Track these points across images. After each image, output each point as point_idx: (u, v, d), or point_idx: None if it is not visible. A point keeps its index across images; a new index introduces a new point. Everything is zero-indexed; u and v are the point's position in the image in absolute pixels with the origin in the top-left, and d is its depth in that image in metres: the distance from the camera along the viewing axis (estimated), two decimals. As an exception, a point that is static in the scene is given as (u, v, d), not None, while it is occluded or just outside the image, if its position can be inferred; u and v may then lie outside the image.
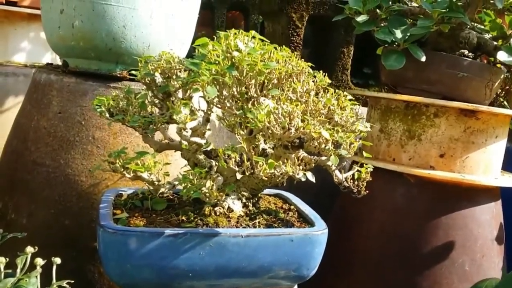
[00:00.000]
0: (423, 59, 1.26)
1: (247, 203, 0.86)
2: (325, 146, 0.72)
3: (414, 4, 1.39)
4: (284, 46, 0.86)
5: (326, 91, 0.88)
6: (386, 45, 1.31)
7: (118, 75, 1.12)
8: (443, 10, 1.19)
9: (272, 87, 0.78)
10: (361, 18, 1.26)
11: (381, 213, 1.33)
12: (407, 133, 1.34)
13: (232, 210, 0.83)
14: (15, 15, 1.68)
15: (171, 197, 0.90)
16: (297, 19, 1.80)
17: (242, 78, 0.75)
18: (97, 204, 1.05)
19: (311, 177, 0.71)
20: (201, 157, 0.83)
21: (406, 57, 1.27)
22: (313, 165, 0.76)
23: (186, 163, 0.86)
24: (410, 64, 1.28)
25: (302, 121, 0.72)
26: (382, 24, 1.33)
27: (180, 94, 0.84)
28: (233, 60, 0.75)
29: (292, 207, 0.93)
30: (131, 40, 1.08)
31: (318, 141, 0.73)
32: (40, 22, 1.19)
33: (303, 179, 0.71)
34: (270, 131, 0.71)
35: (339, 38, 1.84)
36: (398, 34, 1.26)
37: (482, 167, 1.33)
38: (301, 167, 0.71)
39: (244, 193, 0.85)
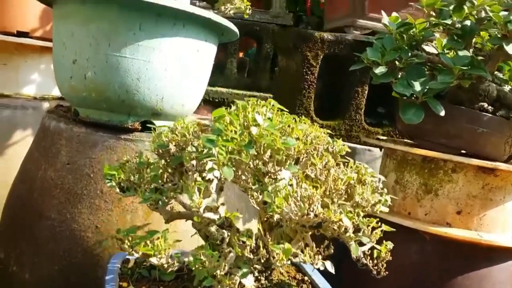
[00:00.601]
0: (442, 113, 1.22)
1: (259, 277, 0.82)
2: (345, 232, 0.68)
3: (431, 47, 1.36)
4: (303, 117, 0.82)
5: (345, 164, 0.85)
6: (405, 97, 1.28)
7: (130, 127, 1.09)
8: (465, 68, 1.15)
9: (290, 162, 0.75)
10: (379, 70, 1.23)
11: (394, 270, 1.29)
12: (424, 187, 1.30)
13: (244, 286, 0.79)
14: (26, 48, 1.66)
15: (180, 264, 0.87)
16: (312, 57, 1.78)
17: (259, 154, 0.72)
18: (103, 262, 1.02)
19: (330, 267, 0.67)
20: (213, 229, 0.80)
21: (425, 110, 1.24)
22: (332, 251, 0.72)
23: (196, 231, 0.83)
24: (428, 117, 1.24)
25: (322, 206, 0.68)
26: (400, 74, 1.29)
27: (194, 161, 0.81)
28: (251, 136, 0.71)
29: (306, 278, 0.89)
30: (145, 93, 1.05)
31: (338, 225, 0.70)
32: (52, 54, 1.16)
33: (321, 268, 0.68)
34: (288, 216, 0.67)
35: (354, 78, 1.80)
36: (417, 86, 1.23)
37: (500, 225, 1.29)
38: (319, 257, 0.67)
39: (257, 266, 0.82)
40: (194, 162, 0.81)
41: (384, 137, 1.66)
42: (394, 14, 1.39)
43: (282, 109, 0.81)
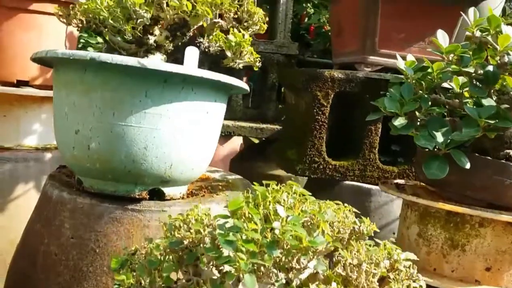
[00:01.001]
0: (468, 166, 1.15)
1: None
2: None
3: (451, 85, 1.29)
4: (329, 201, 0.76)
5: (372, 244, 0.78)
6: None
7: (137, 196, 1.02)
8: (491, 121, 1.08)
9: (318, 259, 0.68)
10: (399, 122, 1.16)
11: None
12: (450, 241, 1.22)
13: None
14: (26, 98, 1.61)
15: None
16: (322, 97, 1.71)
17: (283, 254, 0.65)
18: None
19: None
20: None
21: (448, 161, 1.17)
22: None
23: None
24: (452, 169, 1.17)
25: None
26: (419, 121, 1.23)
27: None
28: (273, 234, 0.65)
29: None
30: (152, 161, 0.98)
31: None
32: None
33: None
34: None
35: (366, 116, 1.73)
36: (439, 138, 1.16)
37: (532, 280, 1.21)
38: None
39: None
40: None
41: (402, 181, 1.59)
42: (410, 57, 1.33)
43: (304, 193, 0.74)
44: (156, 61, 0.91)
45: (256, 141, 2.66)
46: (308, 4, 3.20)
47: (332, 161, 1.74)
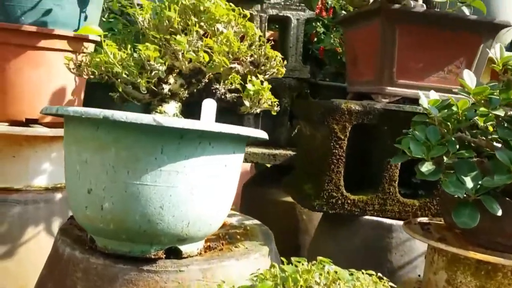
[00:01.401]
0: (499, 213, 1.09)
1: None
2: None
3: (476, 120, 1.23)
4: (364, 275, 0.70)
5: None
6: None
7: (153, 257, 0.97)
8: (527, 168, 1.02)
9: None
10: (426, 168, 1.10)
11: None
12: (481, 291, 1.16)
13: None
14: (36, 137, 1.56)
15: None
16: (339, 130, 1.66)
17: None
18: None
19: None
20: None
21: (478, 207, 1.11)
22: None
23: None
24: (482, 215, 1.11)
25: None
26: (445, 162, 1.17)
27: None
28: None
29: None
30: (169, 221, 0.93)
31: None
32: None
33: None
34: None
35: (385, 148, 1.68)
36: (469, 183, 1.10)
37: None
38: None
39: None
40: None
41: (425, 219, 1.52)
42: (433, 95, 1.28)
43: (336, 270, 0.69)
44: (172, 118, 0.87)
45: (269, 164, 2.61)
46: (318, 23, 3.15)
47: (351, 196, 1.68)
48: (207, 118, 0.95)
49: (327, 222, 1.84)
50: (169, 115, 1.03)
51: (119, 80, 0.94)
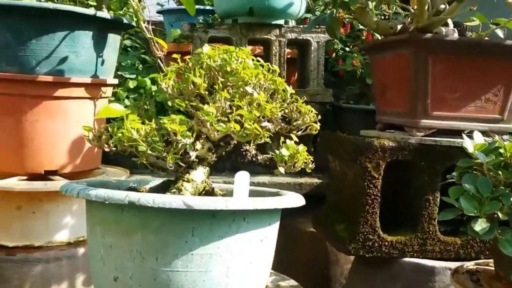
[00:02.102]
0: None
1: None
2: None
3: None
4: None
5: None
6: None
7: None
8: None
9: None
10: (480, 227, 1.01)
11: None
12: None
13: None
14: (56, 192, 1.50)
15: None
16: (373, 168, 1.56)
17: None
18: None
19: None
20: None
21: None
22: None
23: None
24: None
25: None
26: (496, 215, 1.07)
27: None
28: None
29: None
30: (202, 308, 0.85)
31: None
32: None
33: None
34: None
35: (422, 185, 1.58)
36: (527, 239, 1.00)
37: None
38: None
39: None
40: None
41: (471, 264, 1.42)
42: (478, 136, 1.18)
43: None
44: (202, 199, 0.79)
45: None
46: (335, 40, 3.06)
47: (388, 237, 1.58)
48: (241, 192, 0.87)
49: (361, 265, 1.74)
50: (197, 182, 0.95)
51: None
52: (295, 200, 0.91)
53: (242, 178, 0.87)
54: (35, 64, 1.49)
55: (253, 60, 0.94)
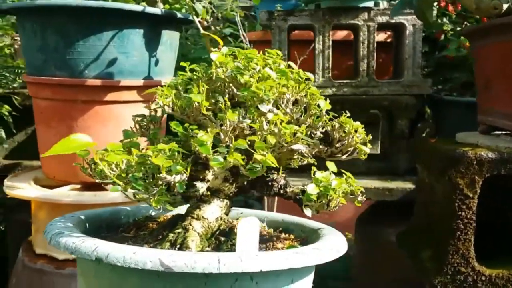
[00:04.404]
0: None
1: None
2: None
3: None
4: None
5: None
6: None
7: None
8: None
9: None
10: None
11: None
12: None
13: None
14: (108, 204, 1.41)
15: None
16: (466, 186, 1.26)
17: None
18: None
19: None
20: None
21: None
22: None
23: None
24: None
25: None
26: None
27: None
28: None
29: None
30: None
31: None
32: None
33: None
34: None
35: (532, 207, 1.25)
36: None
37: None
38: None
39: None
40: None
41: None
42: None
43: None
44: (188, 256, 0.60)
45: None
46: (445, 19, 2.66)
47: (486, 270, 1.28)
48: (245, 245, 0.66)
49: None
50: (210, 220, 0.77)
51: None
52: (329, 252, 0.69)
53: (248, 226, 0.67)
54: (83, 67, 1.40)
55: (277, 68, 0.73)
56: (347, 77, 2.06)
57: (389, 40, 2.39)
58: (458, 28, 2.45)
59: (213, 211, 0.78)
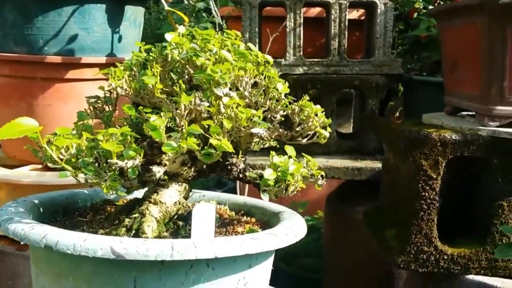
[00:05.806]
0: None
1: None
2: None
3: None
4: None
5: None
6: None
7: None
8: None
9: None
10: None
11: None
12: None
13: None
14: (71, 185, 1.38)
15: None
16: (430, 167, 1.27)
17: None
18: None
19: None
20: None
21: None
22: None
23: None
24: None
25: None
26: None
27: None
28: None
29: None
30: None
31: None
32: None
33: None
34: None
35: (494, 187, 1.27)
36: None
37: None
38: None
39: None
40: None
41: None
42: None
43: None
44: (142, 244, 0.59)
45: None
46: (419, -1, 2.64)
47: (448, 249, 1.30)
48: (201, 231, 0.65)
49: (417, 280, 1.47)
50: (167, 205, 0.76)
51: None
52: (285, 238, 0.68)
53: (204, 212, 0.66)
54: (42, 43, 1.35)
55: (235, 51, 0.71)
56: (320, 56, 2.04)
57: (363, 18, 2.38)
58: (431, 7, 2.44)
59: (171, 195, 0.76)
